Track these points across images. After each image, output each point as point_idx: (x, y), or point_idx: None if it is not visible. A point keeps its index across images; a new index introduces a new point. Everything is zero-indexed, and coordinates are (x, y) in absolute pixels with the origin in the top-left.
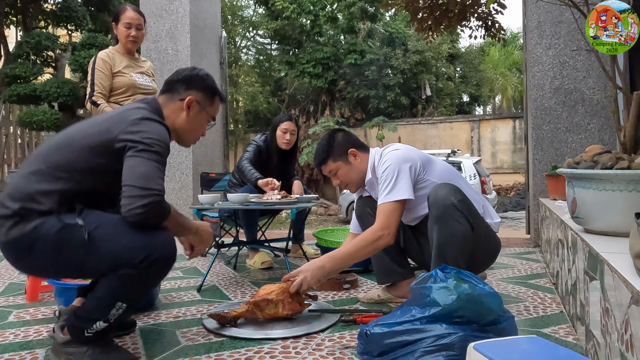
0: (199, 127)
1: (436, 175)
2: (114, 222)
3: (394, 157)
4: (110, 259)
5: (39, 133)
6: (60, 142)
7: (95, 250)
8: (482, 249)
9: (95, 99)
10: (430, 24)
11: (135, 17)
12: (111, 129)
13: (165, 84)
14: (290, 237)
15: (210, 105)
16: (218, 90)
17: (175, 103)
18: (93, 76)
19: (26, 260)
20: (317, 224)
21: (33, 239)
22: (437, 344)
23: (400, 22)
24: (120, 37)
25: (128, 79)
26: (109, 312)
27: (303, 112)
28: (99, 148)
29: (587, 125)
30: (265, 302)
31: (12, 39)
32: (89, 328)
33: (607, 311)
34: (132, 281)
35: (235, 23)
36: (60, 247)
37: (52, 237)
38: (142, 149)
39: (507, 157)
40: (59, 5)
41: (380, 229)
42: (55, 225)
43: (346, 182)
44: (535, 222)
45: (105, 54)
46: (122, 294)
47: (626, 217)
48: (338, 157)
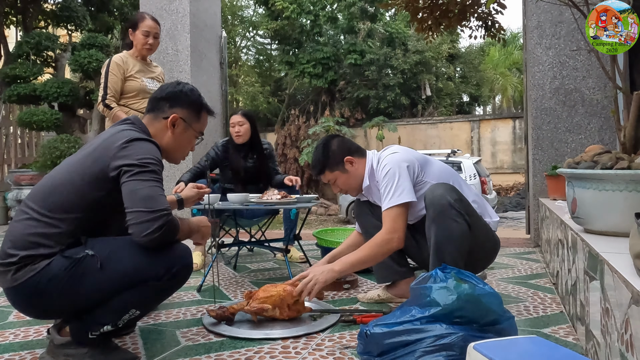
0: (186, 144)
1: (434, 176)
2: (125, 245)
3: (392, 161)
4: (133, 278)
5: (39, 133)
6: (55, 182)
7: (115, 274)
8: (480, 248)
9: (108, 102)
10: (430, 24)
11: (153, 26)
12: (101, 158)
13: (149, 103)
14: (290, 237)
15: (197, 122)
16: (204, 104)
17: (159, 122)
18: (107, 79)
19: (38, 300)
20: (317, 224)
21: (45, 279)
22: (437, 344)
23: (400, 22)
24: (136, 43)
25: (139, 84)
26: (120, 318)
27: (303, 112)
28: (95, 181)
29: (587, 125)
30: (261, 311)
31: (12, 39)
32: (94, 331)
33: (607, 311)
34: (153, 293)
35: (235, 23)
36: (76, 281)
37: (65, 274)
38: (137, 172)
39: (507, 157)
40: (59, 5)
41: (388, 233)
42: (65, 263)
43: (346, 189)
44: (535, 222)
45: (119, 58)
46: (139, 303)
47: (626, 217)
48: (335, 166)
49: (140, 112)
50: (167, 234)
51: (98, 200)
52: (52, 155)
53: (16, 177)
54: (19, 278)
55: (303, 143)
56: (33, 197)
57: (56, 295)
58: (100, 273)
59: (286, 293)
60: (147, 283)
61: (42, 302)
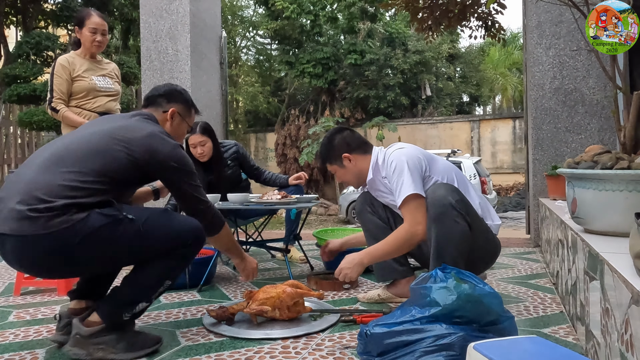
0: (180, 135)
1: (439, 173)
2: (158, 213)
3: (399, 156)
4: (167, 243)
5: (39, 133)
6: (97, 146)
7: (151, 238)
8: (480, 249)
9: (54, 104)
10: (430, 24)
11: (100, 22)
12: (155, 151)
13: (146, 100)
14: (290, 237)
15: (189, 116)
16: (193, 103)
17: (160, 115)
18: (52, 82)
19: (67, 253)
20: (317, 224)
21: (82, 232)
22: (437, 344)
23: (400, 22)
24: (84, 42)
25: (87, 83)
26: (156, 291)
27: (303, 112)
28: (141, 165)
29: (587, 125)
30: (261, 312)
31: (12, 39)
32: (128, 312)
33: (607, 311)
34: (182, 261)
35: (235, 23)
36: (114, 240)
37: (103, 231)
38: (195, 185)
39: (507, 157)
40: (59, 5)
41: (411, 227)
42: (103, 219)
43: (344, 182)
44: (535, 222)
45: (64, 59)
46: (172, 273)
47: (626, 217)
48: (333, 160)
49: (93, 112)
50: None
51: (133, 179)
52: None
53: None
54: (53, 226)
55: (303, 143)
56: (70, 152)
57: (87, 251)
58: (139, 236)
59: (286, 294)
60: (177, 250)
61: (68, 256)
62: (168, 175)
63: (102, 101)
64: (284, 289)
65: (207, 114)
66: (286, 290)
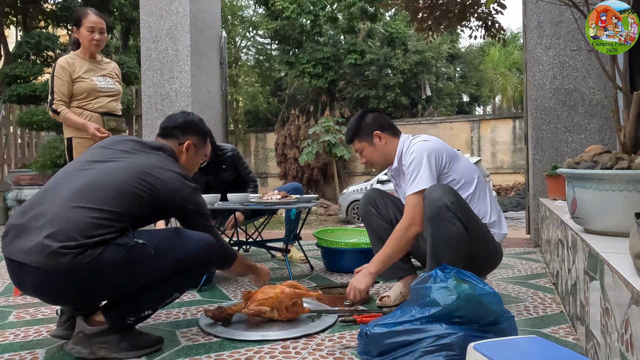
0: (195, 165)
1: (459, 172)
2: (169, 235)
3: (420, 148)
4: (179, 264)
5: (39, 133)
6: (124, 187)
7: (162, 260)
8: (477, 252)
9: (55, 106)
10: (430, 24)
11: (98, 20)
12: (176, 195)
13: (162, 129)
14: (290, 237)
15: (204, 146)
16: (209, 132)
17: (176, 147)
18: (52, 84)
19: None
20: (317, 224)
21: (102, 264)
22: (437, 344)
23: (400, 22)
24: (83, 41)
25: (88, 84)
26: (164, 302)
27: (303, 112)
28: (161, 207)
29: (587, 125)
30: (259, 313)
31: (12, 39)
32: (132, 316)
33: (607, 311)
34: (194, 276)
35: (235, 23)
36: (129, 267)
37: (119, 260)
38: (203, 223)
39: (507, 157)
40: (59, 5)
41: (407, 222)
42: (118, 250)
43: (370, 161)
44: (535, 222)
45: (64, 61)
46: (182, 287)
47: (626, 217)
48: (363, 137)
49: (95, 113)
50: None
51: (151, 216)
52: (52, 155)
53: (16, 177)
54: (78, 262)
55: (303, 143)
56: (94, 190)
57: (106, 279)
58: (153, 259)
59: (284, 295)
60: (192, 268)
61: (90, 286)
62: (184, 215)
63: (103, 101)
64: (282, 290)
65: (207, 114)
66: (285, 291)
